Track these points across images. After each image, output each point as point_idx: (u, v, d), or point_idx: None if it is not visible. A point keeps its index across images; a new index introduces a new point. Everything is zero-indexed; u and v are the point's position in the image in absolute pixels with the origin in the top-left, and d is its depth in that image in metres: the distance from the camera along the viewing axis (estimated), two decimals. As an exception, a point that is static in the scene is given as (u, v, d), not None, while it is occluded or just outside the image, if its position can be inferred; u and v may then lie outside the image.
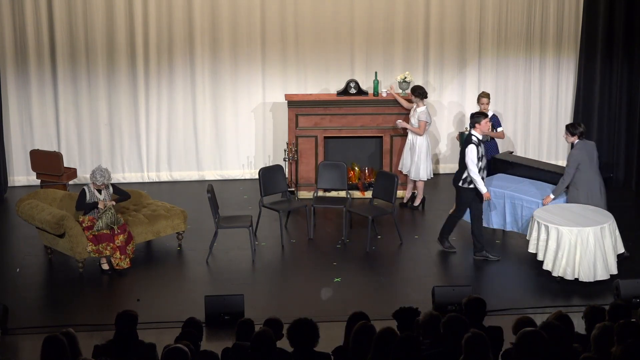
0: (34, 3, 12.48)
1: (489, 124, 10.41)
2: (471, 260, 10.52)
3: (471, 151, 10.09)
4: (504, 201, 10.69)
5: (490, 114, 11.34)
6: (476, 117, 10.21)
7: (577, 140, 10.29)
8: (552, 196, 10.34)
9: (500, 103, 13.40)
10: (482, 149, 10.19)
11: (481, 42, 13.19)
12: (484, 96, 11.62)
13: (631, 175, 12.92)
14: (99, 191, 10.13)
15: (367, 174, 12.56)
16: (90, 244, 10.01)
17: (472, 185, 10.20)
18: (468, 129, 10.99)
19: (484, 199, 10.25)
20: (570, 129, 10.34)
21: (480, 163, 10.15)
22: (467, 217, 10.59)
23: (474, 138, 10.15)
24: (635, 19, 12.63)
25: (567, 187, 10.36)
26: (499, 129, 11.82)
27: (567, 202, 10.40)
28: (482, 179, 10.20)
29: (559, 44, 13.28)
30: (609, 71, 12.99)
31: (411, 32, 13.07)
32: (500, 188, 10.73)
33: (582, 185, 10.24)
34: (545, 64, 13.34)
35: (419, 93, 11.82)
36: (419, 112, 11.83)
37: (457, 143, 13.34)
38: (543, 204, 10.36)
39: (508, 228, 10.81)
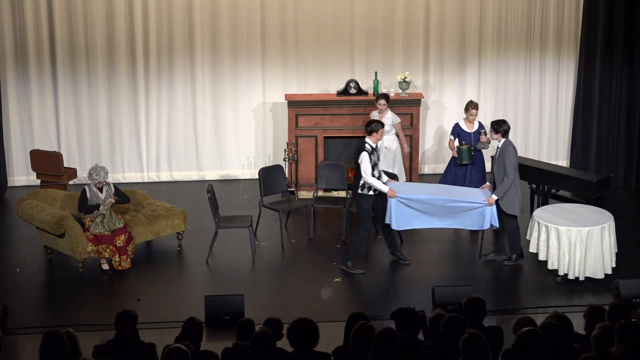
0: (34, 3, 12.47)
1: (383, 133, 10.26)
2: (471, 261, 10.52)
3: (363, 159, 9.95)
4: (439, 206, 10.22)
5: (476, 124, 11.22)
6: (374, 126, 10.10)
7: (505, 139, 10.13)
8: (494, 197, 10.05)
9: (500, 103, 13.39)
10: (374, 157, 10.07)
11: (481, 43, 13.19)
12: (474, 107, 11.24)
13: (631, 175, 12.91)
14: (100, 190, 10.13)
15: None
16: (90, 244, 10.02)
17: (371, 192, 10.07)
18: (465, 143, 11.01)
19: (389, 196, 10.02)
20: (495, 126, 10.19)
21: (374, 171, 10.04)
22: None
23: (367, 146, 10.01)
24: (635, 19, 12.62)
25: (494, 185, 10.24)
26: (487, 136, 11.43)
27: (504, 201, 10.07)
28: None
29: (559, 44, 13.27)
30: (608, 71, 12.98)
31: (411, 32, 13.07)
32: (429, 195, 10.31)
33: (517, 184, 10.12)
34: (545, 64, 13.33)
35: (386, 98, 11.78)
36: (391, 116, 11.75)
37: (446, 142, 13.39)
38: (488, 205, 10.03)
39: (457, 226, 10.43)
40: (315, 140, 12.48)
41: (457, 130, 11.25)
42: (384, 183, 10.08)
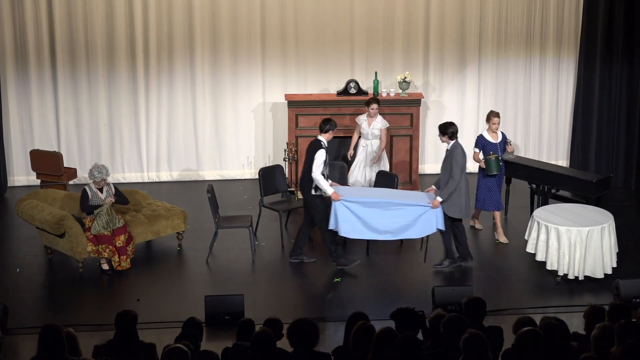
0: (34, 3, 12.47)
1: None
2: (471, 261, 10.51)
3: (320, 156, 10.01)
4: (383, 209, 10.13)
5: (499, 134, 11.01)
6: (329, 125, 10.15)
7: (454, 141, 10.08)
8: (439, 199, 9.98)
9: (500, 103, 13.39)
10: (327, 157, 10.11)
11: (481, 43, 13.19)
12: (495, 115, 10.95)
13: (631, 175, 12.92)
14: (101, 190, 10.14)
15: (366, 174, 12.54)
16: (90, 244, 10.02)
17: (320, 192, 10.10)
18: (493, 153, 10.70)
19: (333, 199, 10.02)
20: (442, 128, 10.13)
21: (324, 169, 10.08)
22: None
23: (323, 143, 10.08)
24: (635, 19, 12.63)
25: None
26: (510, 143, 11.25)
27: (447, 204, 10.02)
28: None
29: (559, 44, 13.27)
30: (608, 71, 12.99)
31: (411, 32, 13.07)
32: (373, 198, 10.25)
33: (463, 187, 10.08)
34: (545, 64, 13.33)
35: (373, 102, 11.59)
36: (381, 121, 11.61)
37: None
38: (433, 206, 9.98)
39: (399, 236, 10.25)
40: (315, 140, 12.48)
41: (481, 142, 10.95)
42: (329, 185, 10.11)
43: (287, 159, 12.40)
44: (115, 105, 12.96)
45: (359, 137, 11.75)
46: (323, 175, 10.08)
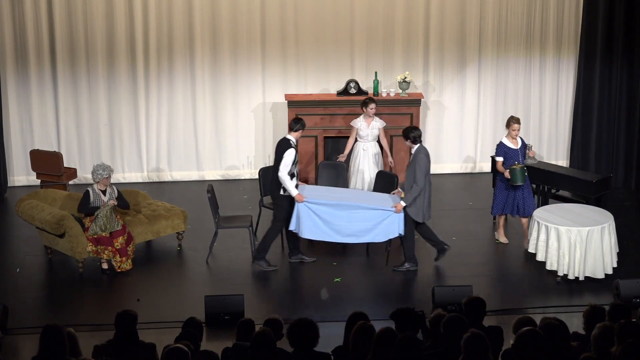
0: (34, 3, 12.47)
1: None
2: (471, 261, 10.52)
3: (289, 155, 10.00)
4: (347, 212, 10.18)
5: (519, 140, 10.72)
6: (301, 124, 10.17)
7: (418, 145, 10.06)
8: (403, 203, 10.01)
9: (500, 103, 13.39)
10: (297, 156, 10.13)
11: (481, 43, 13.18)
12: (516, 122, 10.63)
13: (631, 175, 12.92)
14: (104, 192, 10.12)
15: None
16: (90, 244, 10.02)
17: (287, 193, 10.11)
18: (518, 163, 10.47)
19: (297, 200, 10.04)
20: (405, 132, 10.12)
21: (293, 168, 10.08)
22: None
23: (292, 142, 10.08)
24: (635, 19, 12.63)
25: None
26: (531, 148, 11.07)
27: (410, 208, 10.04)
28: (296, 186, 10.12)
29: (558, 44, 13.27)
30: (608, 71, 12.98)
31: (411, 32, 13.07)
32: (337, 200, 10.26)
33: (425, 192, 10.07)
34: (545, 64, 13.33)
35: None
36: (378, 120, 11.46)
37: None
38: (396, 210, 10.02)
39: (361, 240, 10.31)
40: (315, 140, 12.48)
41: (503, 150, 10.63)
42: (295, 186, 10.10)
43: (287, 159, 12.39)
44: (115, 105, 12.96)
45: (355, 141, 11.57)
46: (293, 175, 10.08)
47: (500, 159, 10.65)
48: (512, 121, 10.65)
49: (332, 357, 6.42)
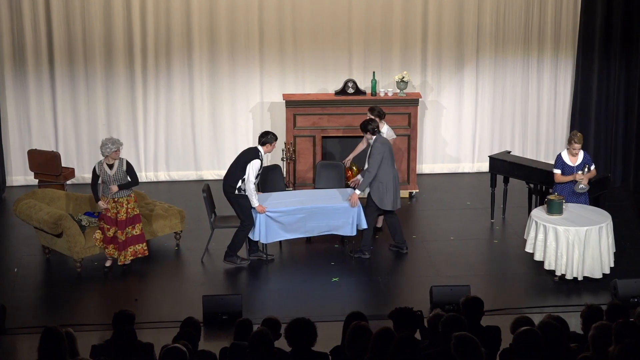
0: (32, 4, 12.46)
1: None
2: (469, 261, 10.52)
3: (255, 166, 10.07)
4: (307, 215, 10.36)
5: (581, 155, 10.31)
6: (269, 138, 10.22)
7: (376, 136, 10.33)
8: (357, 192, 10.29)
9: (497, 103, 13.39)
10: (262, 167, 10.23)
11: (479, 42, 13.19)
12: (577, 141, 10.16)
13: (629, 175, 12.93)
14: (110, 167, 10.00)
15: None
16: (99, 231, 9.99)
17: (243, 192, 10.18)
18: (558, 194, 10.14)
19: (258, 212, 10.15)
20: (362, 126, 10.41)
21: (257, 180, 10.20)
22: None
23: (260, 154, 10.14)
24: (633, 19, 12.64)
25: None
26: (592, 167, 10.33)
27: (370, 196, 10.35)
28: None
29: (556, 44, 13.27)
30: (606, 71, 12.99)
31: (409, 32, 13.07)
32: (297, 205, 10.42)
33: (383, 178, 10.27)
34: (543, 64, 13.33)
35: (379, 113, 11.06)
36: (387, 130, 11.20)
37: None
38: (351, 202, 10.29)
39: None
40: (313, 140, 12.48)
41: (560, 163, 10.30)
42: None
43: (284, 159, 12.40)
44: (113, 105, 12.95)
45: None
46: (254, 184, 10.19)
47: (557, 171, 10.34)
48: (573, 140, 10.25)
49: (330, 357, 6.42)
